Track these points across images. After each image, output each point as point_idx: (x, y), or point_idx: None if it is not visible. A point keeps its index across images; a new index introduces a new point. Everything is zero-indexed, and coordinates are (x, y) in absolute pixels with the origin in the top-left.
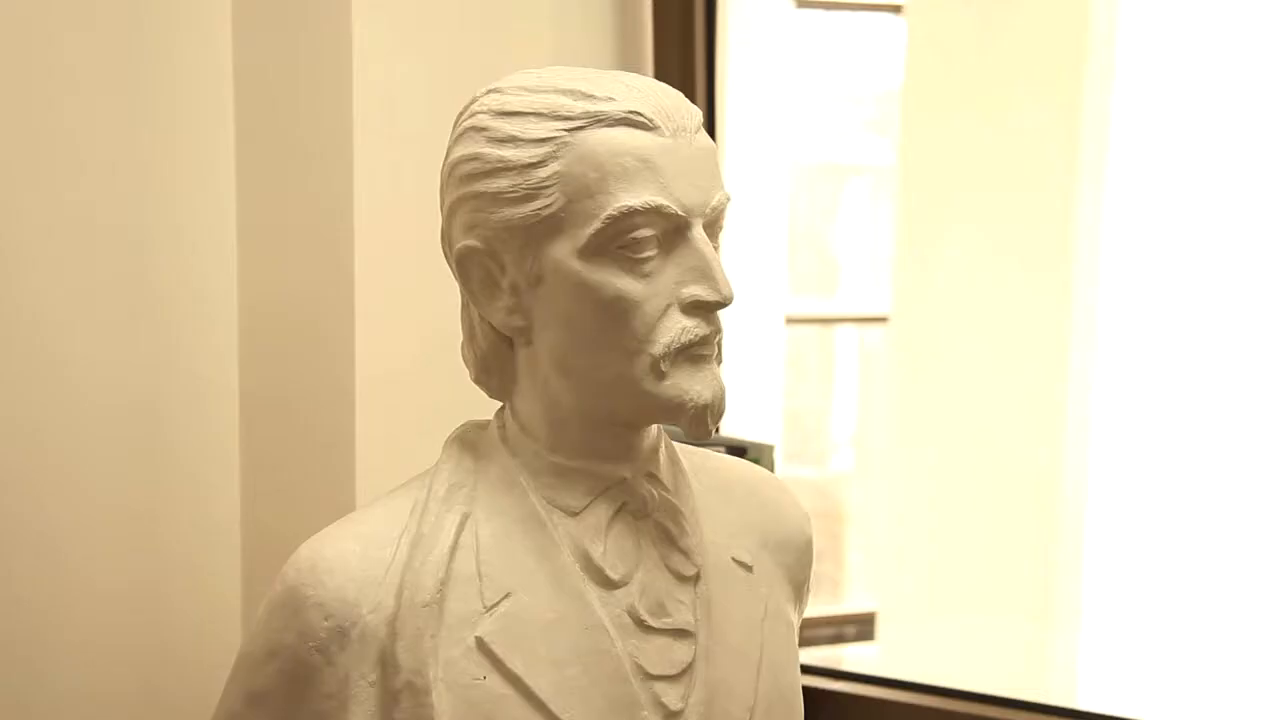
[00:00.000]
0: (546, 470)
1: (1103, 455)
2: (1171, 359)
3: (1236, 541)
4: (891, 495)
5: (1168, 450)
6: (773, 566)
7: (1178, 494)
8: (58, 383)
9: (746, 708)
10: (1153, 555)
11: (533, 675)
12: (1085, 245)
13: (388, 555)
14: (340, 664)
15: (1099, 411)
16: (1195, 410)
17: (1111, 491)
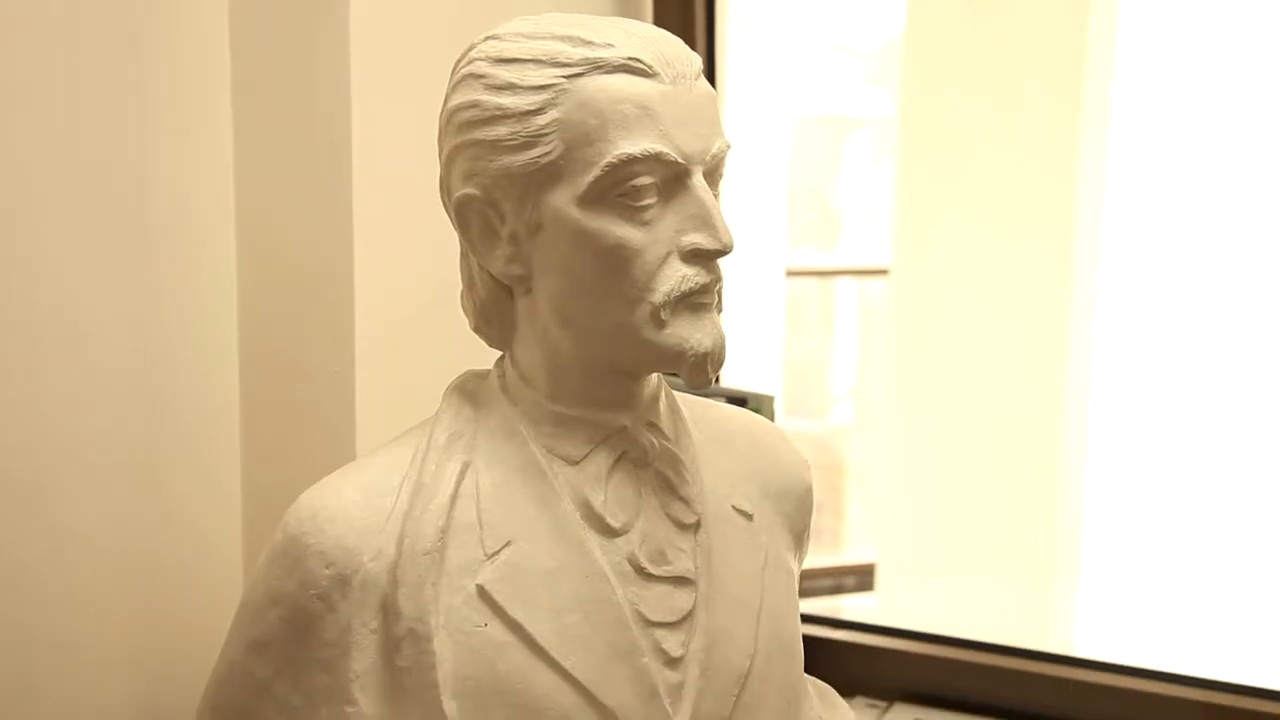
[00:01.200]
0: (547, 419)
1: (1103, 409)
2: (1172, 312)
3: (1232, 493)
4: (891, 448)
5: (1167, 403)
6: (773, 515)
7: (1176, 446)
8: (54, 341)
9: (747, 655)
10: (1151, 507)
11: (534, 622)
12: (1088, 200)
13: (388, 504)
14: (342, 612)
15: (1099, 365)
16: (1195, 364)
17: (1111, 445)
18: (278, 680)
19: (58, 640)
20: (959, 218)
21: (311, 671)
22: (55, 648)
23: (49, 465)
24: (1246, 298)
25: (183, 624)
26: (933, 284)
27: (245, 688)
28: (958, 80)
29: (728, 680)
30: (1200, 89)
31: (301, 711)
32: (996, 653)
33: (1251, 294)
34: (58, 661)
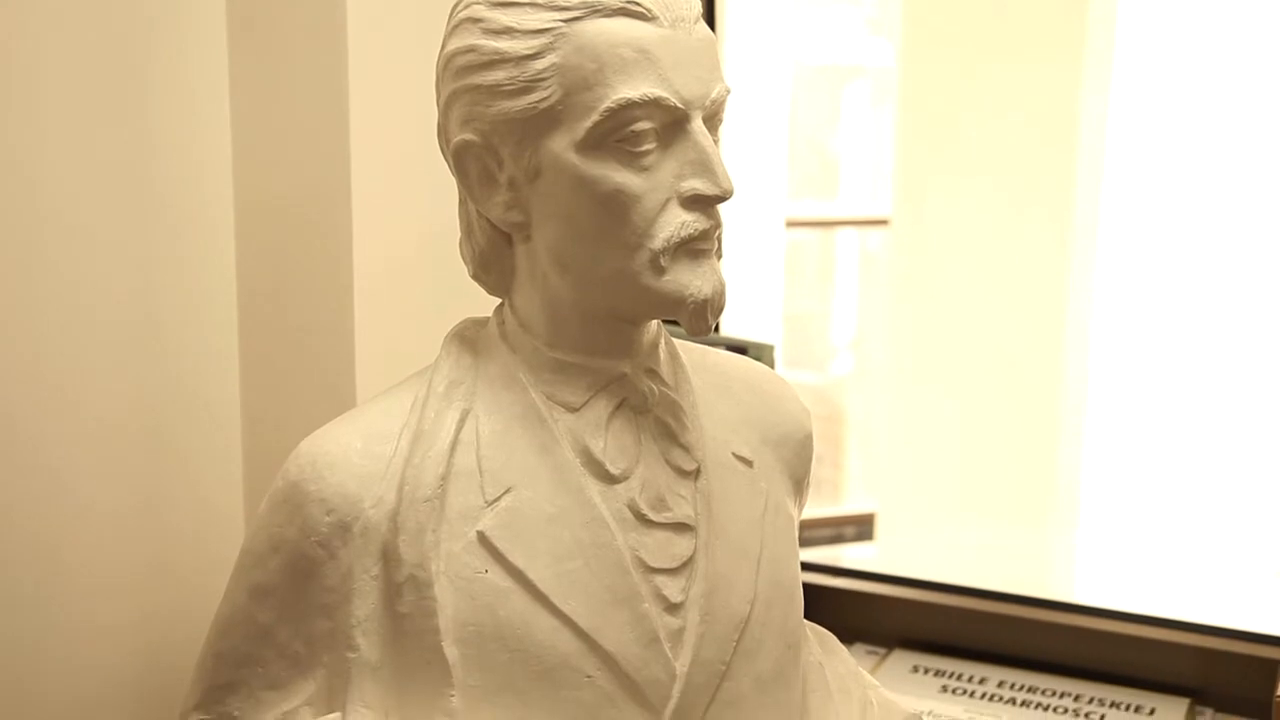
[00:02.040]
0: (546, 366)
1: (1102, 356)
2: (1173, 257)
3: (1231, 440)
4: (891, 399)
5: (1167, 351)
6: (773, 461)
7: (1175, 394)
8: (52, 294)
9: (747, 600)
10: (1150, 454)
11: (534, 569)
12: (1089, 148)
13: (388, 451)
14: (343, 558)
15: (1099, 313)
16: (1194, 312)
17: (1110, 392)
18: (279, 626)
19: (59, 592)
20: (959, 167)
21: (313, 617)
22: (57, 600)
23: (48, 422)
24: (1246, 244)
25: (184, 572)
26: (933, 234)
27: (247, 634)
28: (958, 29)
29: (728, 625)
30: (1207, 38)
31: (303, 657)
32: (995, 599)
33: (1250, 240)
34: (60, 614)
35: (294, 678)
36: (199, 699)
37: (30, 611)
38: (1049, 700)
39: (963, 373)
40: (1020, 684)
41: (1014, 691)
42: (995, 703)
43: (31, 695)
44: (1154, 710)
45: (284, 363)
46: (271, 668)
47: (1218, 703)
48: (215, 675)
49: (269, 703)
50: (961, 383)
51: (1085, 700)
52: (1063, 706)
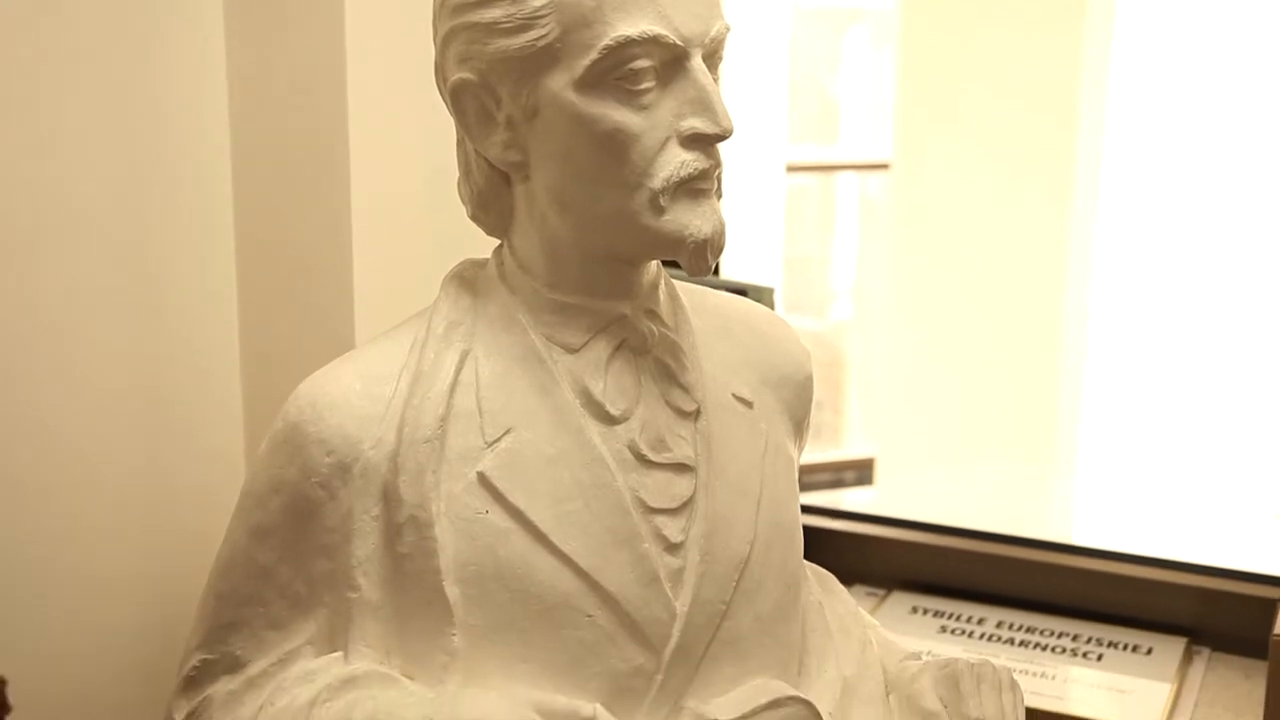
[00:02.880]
0: (545, 307)
1: (1103, 300)
2: (1176, 200)
3: (1231, 382)
4: (891, 343)
5: (1167, 294)
6: (773, 402)
7: (1175, 337)
8: (49, 237)
9: (746, 541)
10: (1149, 396)
11: (534, 509)
12: (1091, 89)
13: (388, 392)
14: (343, 499)
15: (1100, 255)
16: (1195, 253)
17: (1110, 335)
18: (280, 566)
19: (63, 535)
20: (960, 110)
21: (314, 558)
22: (60, 542)
23: (47, 374)
24: (1247, 183)
25: (185, 506)
26: (933, 178)
27: (248, 574)
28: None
29: (728, 566)
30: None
31: (304, 597)
32: (994, 541)
33: (1251, 180)
34: (63, 559)
35: (295, 618)
36: (201, 639)
37: (33, 550)
38: (1047, 640)
39: (962, 317)
40: (1019, 624)
41: (1012, 632)
42: (994, 643)
43: (38, 642)
44: (1151, 650)
45: (283, 305)
46: (273, 608)
47: (1214, 642)
48: (217, 615)
49: (271, 642)
50: (961, 327)
51: (1083, 640)
52: (1060, 646)
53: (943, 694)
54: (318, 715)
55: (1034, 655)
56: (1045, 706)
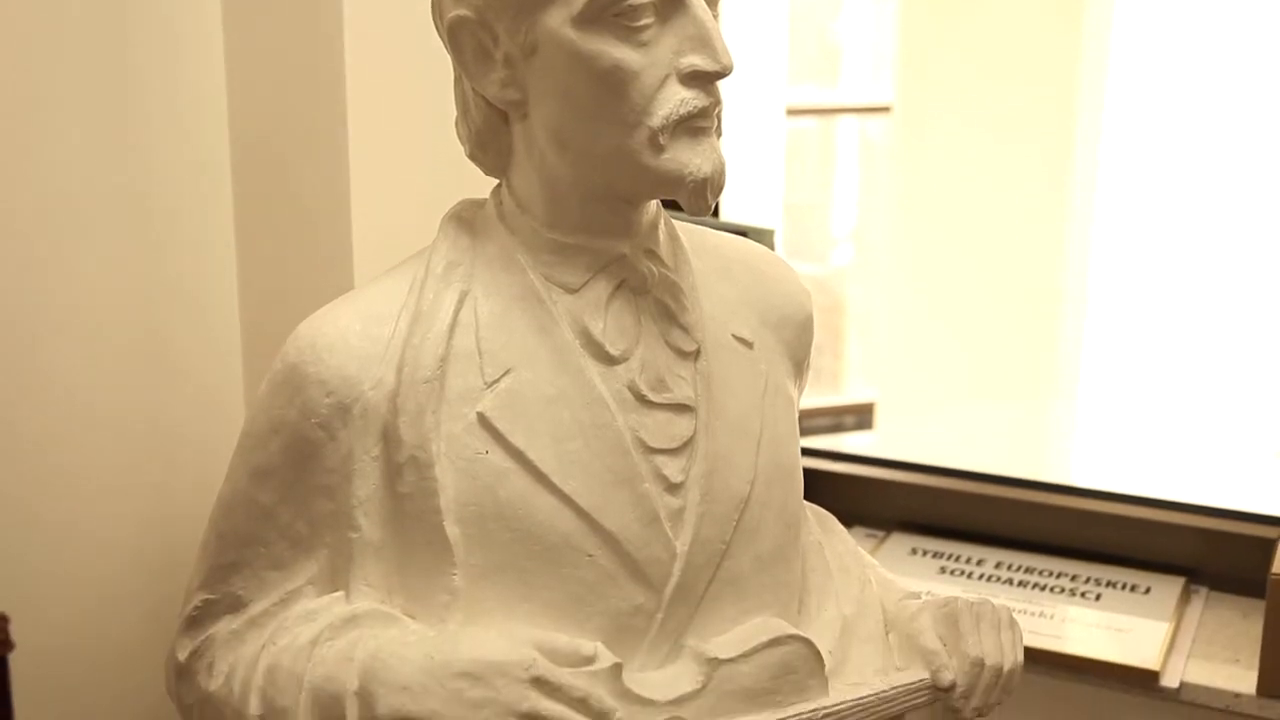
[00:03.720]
0: (545, 247)
1: (1104, 241)
2: (1179, 140)
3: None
4: (891, 288)
5: (1168, 235)
6: (773, 343)
7: (1176, 277)
8: (46, 183)
9: (747, 480)
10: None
11: (534, 449)
12: (1094, 33)
13: (387, 332)
14: (343, 440)
15: (1102, 196)
16: (1197, 196)
17: (1111, 275)
18: (281, 507)
19: (65, 477)
20: (962, 52)
21: (314, 498)
22: (62, 484)
23: (43, 291)
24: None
25: (185, 447)
26: (934, 120)
27: (249, 514)
28: None
29: (728, 505)
30: None
31: (305, 537)
32: (993, 482)
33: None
34: (65, 500)
35: (297, 557)
36: (203, 578)
37: (36, 501)
38: (1046, 580)
39: (963, 260)
40: (1018, 565)
41: (1011, 572)
42: (993, 583)
43: (40, 581)
44: (1149, 589)
45: (281, 247)
46: (274, 548)
47: (1212, 581)
48: (219, 555)
49: (273, 582)
50: (962, 270)
51: (1081, 580)
52: (1059, 586)
53: (942, 632)
54: (320, 654)
55: (1032, 595)
56: (1044, 646)
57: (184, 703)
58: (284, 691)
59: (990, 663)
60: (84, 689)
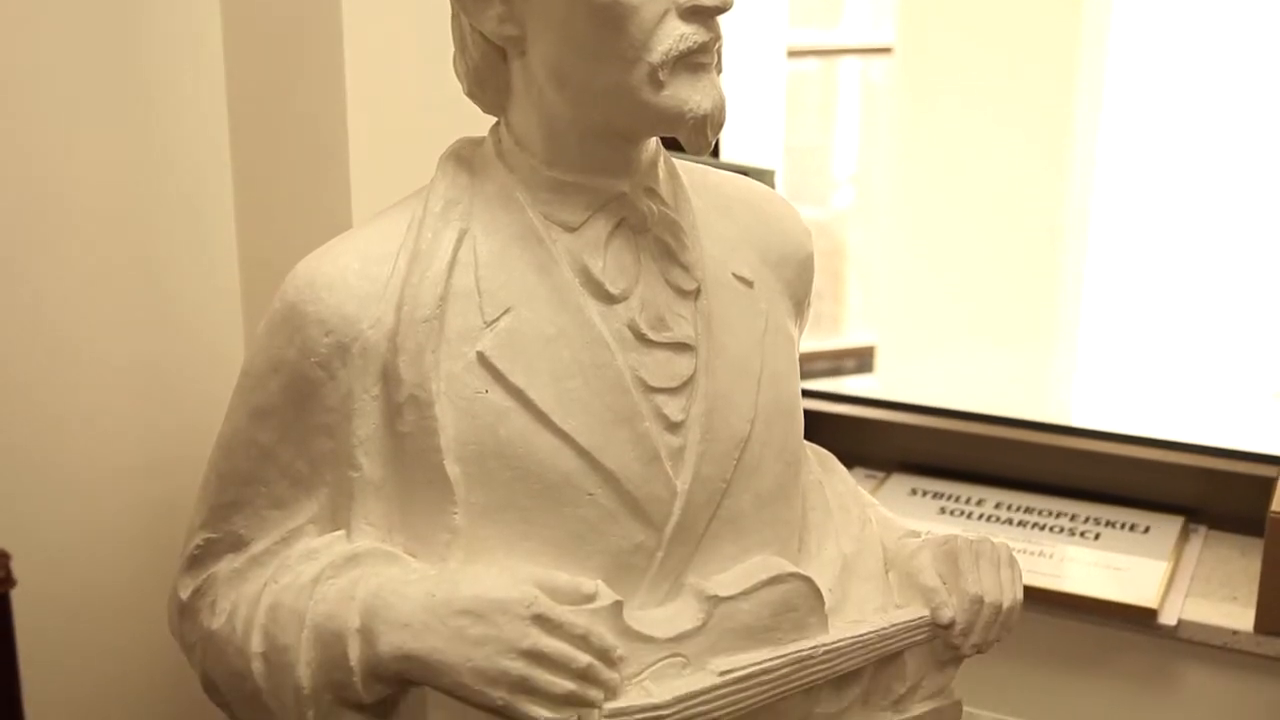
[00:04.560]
0: (544, 185)
1: (1106, 180)
2: (1182, 80)
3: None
4: (892, 230)
5: (1170, 174)
6: (773, 281)
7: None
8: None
9: (747, 419)
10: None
11: (534, 388)
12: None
13: (386, 271)
14: (342, 379)
15: (1105, 138)
16: (1198, 136)
17: (1113, 215)
18: (281, 446)
19: (65, 417)
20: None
21: (314, 438)
22: (63, 424)
23: (46, 255)
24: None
25: (184, 388)
26: (936, 62)
27: (249, 454)
28: None
29: (728, 444)
30: None
31: (306, 476)
32: (993, 423)
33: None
34: (66, 440)
35: (298, 497)
36: (204, 518)
37: (37, 440)
38: (1046, 520)
39: (964, 202)
40: (1017, 505)
41: (1011, 513)
42: (993, 524)
43: (41, 519)
44: (1149, 529)
45: (279, 185)
46: (275, 487)
47: (1211, 520)
48: (219, 494)
49: (273, 521)
50: (963, 211)
51: (1081, 520)
52: (1059, 526)
53: (941, 570)
54: (321, 592)
55: (1032, 535)
56: (1043, 585)
57: (186, 641)
58: (286, 629)
59: (990, 600)
60: (86, 626)
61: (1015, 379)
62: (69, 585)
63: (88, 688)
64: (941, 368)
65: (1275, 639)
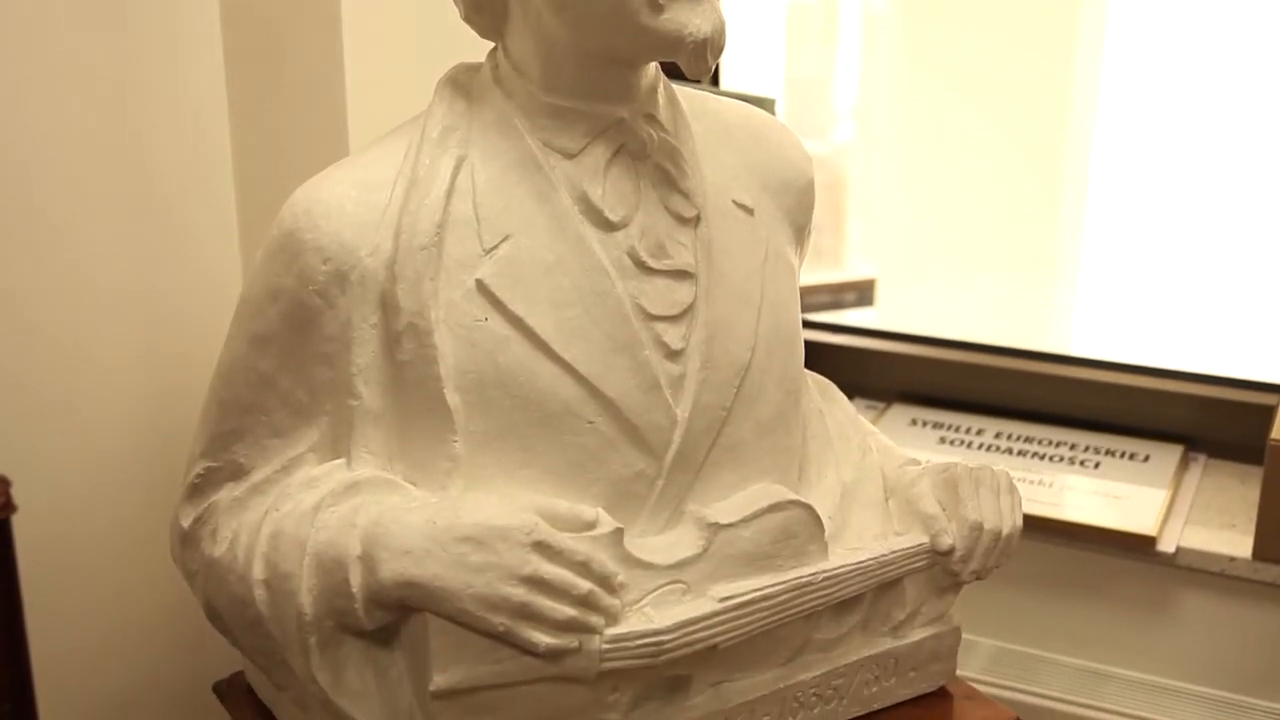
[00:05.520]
0: (542, 111)
1: (1108, 109)
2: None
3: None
4: (893, 163)
5: (1172, 102)
6: (773, 209)
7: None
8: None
9: (747, 347)
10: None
11: (534, 316)
12: None
13: (383, 199)
14: (341, 307)
15: (1108, 69)
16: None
17: (1115, 144)
18: (280, 375)
19: (64, 344)
20: None
21: (314, 366)
22: (62, 350)
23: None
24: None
25: (182, 314)
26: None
27: (249, 381)
28: None
29: (728, 372)
30: None
31: (306, 405)
32: (993, 353)
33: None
34: (65, 366)
35: (298, 425)
36: (205, 446)
37: (36, 366)
38: (1045, 450)
39: (966, 130)
40: (1017, 434)
41: (1011, 442)
42: (993, 453)
43: (41, 445)
44: (1148, 457)
45: (275, 113)
46: (275, 416)
47: (1211, 449)
48: (220, 423)
49: (274, 450)
50: (964, 141)
51: (1081, 449)
52: (1058, 455)
53: (941, 497)
54: (322, 520)
55: (1032, 464)
56: (1042, 513)
57: (188, 568)
58: (287, 557)
59: (989, 527)
60: (88, 553)
61: (1015, 309)
62: (70, 512)
63: (89, 614)
64: (942, 299)
65: (1272, 565)
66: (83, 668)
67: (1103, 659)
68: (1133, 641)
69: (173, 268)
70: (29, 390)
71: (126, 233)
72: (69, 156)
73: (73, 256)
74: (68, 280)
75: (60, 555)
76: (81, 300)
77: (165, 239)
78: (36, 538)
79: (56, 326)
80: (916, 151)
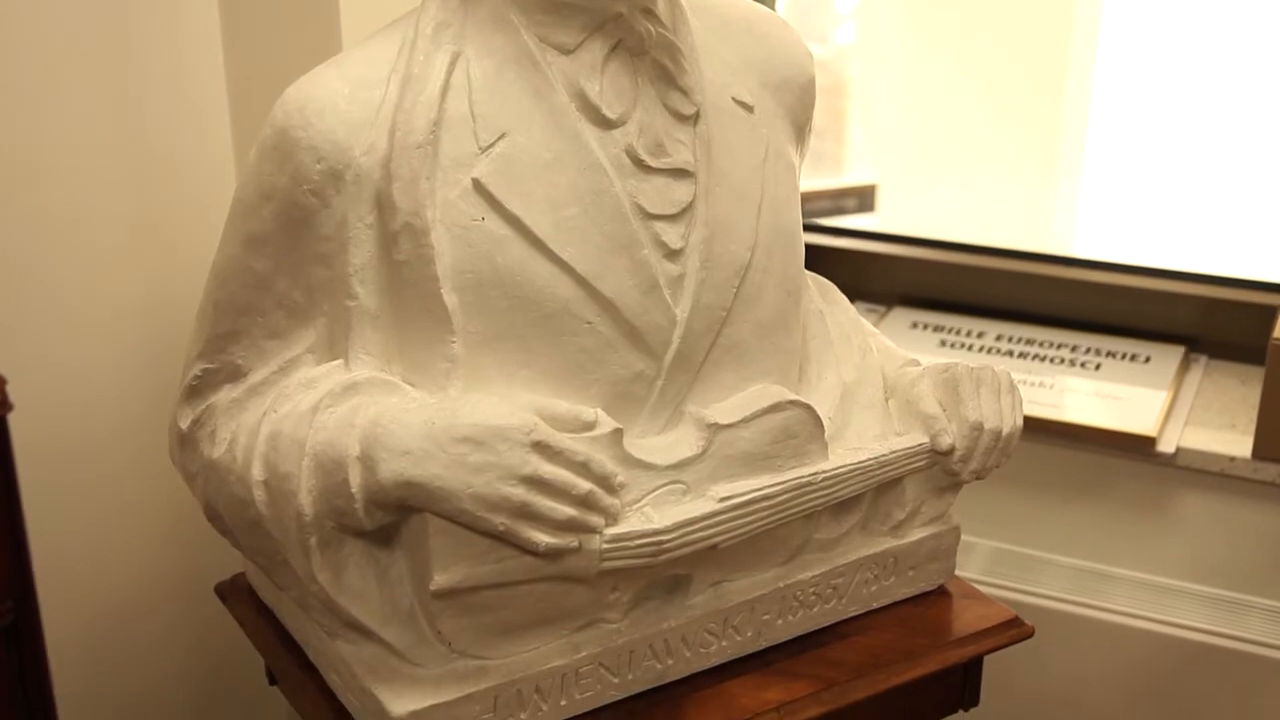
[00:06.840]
0: (538, 6)
1: (1113, 12)
2: None
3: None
4: (894, 66)
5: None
6: (774, 106)
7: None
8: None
9: (747, 246)
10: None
11: (531, 215)
12: None
13: (377, 96)
14: (336, 207)
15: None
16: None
17: (1118, 44)
18: (276, 275)
19: (61, 241)
20: None
21: (310, 266)
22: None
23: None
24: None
25: (176, 213)
26: None
27: (244, 282)
28: None
29: (728, 271)
30: None
31: (302, 306)
32: (994, 255)
33: None
34: (61, 266)
35: (294, 326)
36: (202, 348)
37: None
38: (1046, 352)
39: (968, 32)
40: (1018, 337)
41: (1012, 344)
42: (994, 355)
43: (37, 344)
44: (1149, 359)
45: (266, 8)
46: (271, 316)
47: (1212, 350)
48: (216, 324)
49: (271, 351)
50: (966, 43)
51: (1082, 350)
52: (1059, 357)
53: (941, 397)
54: (321, 420)
55: (1033, 366)
56: (1043, 415)
57: (188, 470)
58: (286, 457)
59: (989, 426)
60: (85, 451)
61: (1017, 211)
62: (66, 409)
63: (90, 514)
64: (943, 201)
65: (1272, 464)
66: (84, 568)
67: (1102, 559)
68: (1132, 542)
69: (166, 169)
70: (24, 288)
71: (120, 140)
72: (60, 69)
73: (68, 165)
74: (64, 188)
75: (59, 456)
76: (78, 206)
77: (156, 143)
78: (35, 439)
79: (52, 228)
80: (918, 54)
